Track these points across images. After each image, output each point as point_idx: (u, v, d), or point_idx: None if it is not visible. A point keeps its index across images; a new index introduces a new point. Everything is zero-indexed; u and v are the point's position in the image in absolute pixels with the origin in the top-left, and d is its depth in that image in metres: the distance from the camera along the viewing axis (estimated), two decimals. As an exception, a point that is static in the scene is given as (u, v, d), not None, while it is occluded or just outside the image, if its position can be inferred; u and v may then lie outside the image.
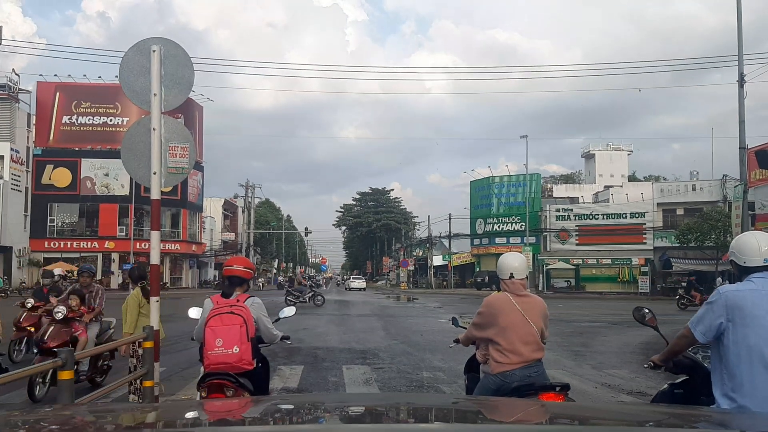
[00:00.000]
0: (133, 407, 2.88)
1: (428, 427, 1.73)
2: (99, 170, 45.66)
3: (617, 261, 43.07)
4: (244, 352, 3.94)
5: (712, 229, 34.22)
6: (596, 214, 45.06)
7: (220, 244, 62.91)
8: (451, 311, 20.30)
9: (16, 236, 42.19)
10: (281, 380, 8.09)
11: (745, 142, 20.91)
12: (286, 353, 10.34)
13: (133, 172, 5.36)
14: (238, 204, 69.05)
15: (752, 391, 2.66)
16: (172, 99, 5.26)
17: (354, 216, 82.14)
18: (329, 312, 22.57)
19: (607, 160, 77.91)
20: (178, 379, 8.16)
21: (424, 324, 17.67)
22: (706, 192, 41.61)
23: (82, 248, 45.41)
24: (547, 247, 46.00)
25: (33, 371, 3.20)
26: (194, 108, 49.51)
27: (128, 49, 5.31)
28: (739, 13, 20.31)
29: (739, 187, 22.61)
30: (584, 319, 19.77)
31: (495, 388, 3.70)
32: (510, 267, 3.89)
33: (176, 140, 5.30)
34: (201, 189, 53.18)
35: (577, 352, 11.32)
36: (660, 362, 3.35)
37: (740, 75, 20.36)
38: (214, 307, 4.09)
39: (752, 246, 2.85)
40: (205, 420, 1.82)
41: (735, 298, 2.78)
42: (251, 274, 4.33)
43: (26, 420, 1.73)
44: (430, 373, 8.75)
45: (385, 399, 2.67)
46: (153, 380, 4.84)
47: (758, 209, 30.56)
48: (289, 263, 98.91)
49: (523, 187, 46.57)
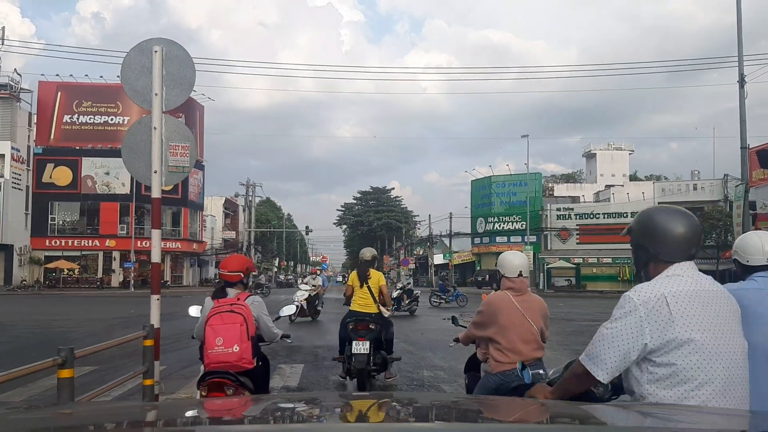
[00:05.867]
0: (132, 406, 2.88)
1: (429, 426, 1.73)
2: (100, 169, 45.71)
3: (618, 260, 43.05)
4: (245, 351, 3.93)
5: (713, 229, 34.22)
6: (597, 214, 45.08)
7: (220, 242, 62.99)
8: (451, 310, 20.31)
9: (17, 234, 42.26)
10: (282, 379, 8.09)
11: (747, 142, 20.89)
12: (287, 352, 10.34)
13: (134, 170, 5.36)
14: (239, 203, 69.12)
15: (755, 390, 2.65)
16: (173, 98, 5.27)
17: (355, 215, 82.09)
18: (330, 311, 22.58)
19: (609, 159, 77.93)
20: (178, 378, 8.17)
21: (424, 323, 17.67)
22: (708, 191, 41.61)
23: (82, 246, 45.52)
24: (547, 246, 46.02)
25: (33, 370, 3.20)
26: (195, 107, 49.54)
27: (130, 50, 5.34)
28: (739, 13, 20.30)
29: (741, 187, 22.60)
30: (585, 318, 19.76)
31: (495, 387, 3.70)
32: (517, 265, 3.88)
33: (177, 139, 5.30)
34: (202, 188, 53.21)
35: (578, 352, 11.17)
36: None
37: (740, 75, 20.34)
38: (214, 306, 4.08)
39: (756, 245, 2.85)
40: (206, 419, 1.82)
41: (738, 297, 2.77)
42: (240, 276, 4.27)
43: (26, 419, 1.73)
44: (430, 372, 8.74)
45: (385, 398, 2.67)
46: (153, 378, 4.85)
47: (759, 209, 30.55)
48: (290, 262, 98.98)
49: (524, 186, 46.58)
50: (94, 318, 18.55)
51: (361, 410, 1.94)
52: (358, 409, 1.97)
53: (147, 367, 4.78)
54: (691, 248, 2.04)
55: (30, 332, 14.49)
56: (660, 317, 1.88)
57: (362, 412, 1.90)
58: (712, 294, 1.98)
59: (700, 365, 1.85)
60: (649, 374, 1.92)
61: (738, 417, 1.87)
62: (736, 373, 1.91)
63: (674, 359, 1.87)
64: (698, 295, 1.94)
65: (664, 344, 1.88)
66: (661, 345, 1.88)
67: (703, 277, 2.04)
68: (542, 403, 2.28)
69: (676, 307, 1.88)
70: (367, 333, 6.87)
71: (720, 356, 1.87)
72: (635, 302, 1.94)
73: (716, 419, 1.80)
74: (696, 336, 1.86)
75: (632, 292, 1.99)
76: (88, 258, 46.21)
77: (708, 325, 1.89)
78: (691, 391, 1.85)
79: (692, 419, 1.77)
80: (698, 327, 1.88)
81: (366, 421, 1.74)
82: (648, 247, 2.09)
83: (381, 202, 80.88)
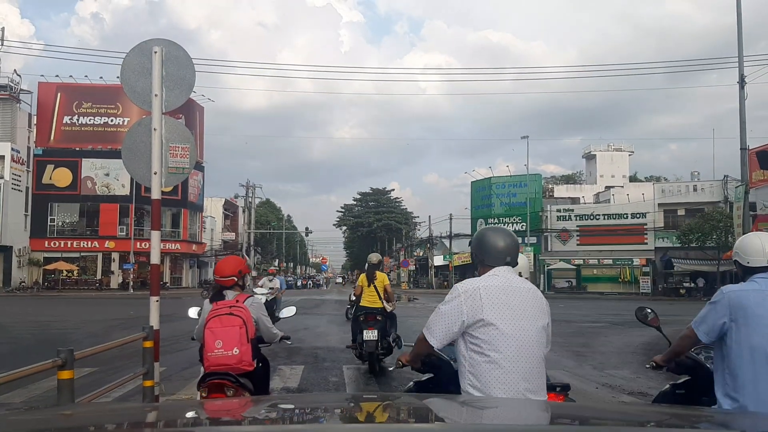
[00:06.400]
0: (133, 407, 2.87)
1: (429, 426, 1.73)
2: (99, 170, 45.71)
3: (618, 261, 43.05)
4: (244, 354, 3.92)
5: (713, 230, 34.21)
6: (597, 215, 45.06)
7: (220, 243, 62.94)
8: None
9: (16, 236, 42.24)
10: (282, 380, 8.08)
11: (746, 143, 20.89)
12: (287, 353, 10.33)
13: (133, 172, 5.35)
14: (239, 204, 69.09)
15: (754, 392, 2.65)
16: (173, 99, 5.26)
17: (355, 216, 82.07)
18: (329, 312, 22.56)
19: (609, 160, 77.86)
20: (178, 379, 8.16)
21: (424, 324, 17.63)
22: (708, 192, 41.60)
23: (82, 248, 45.49)
24: (548, 248, 46.00)
25: (33, 371, 3.20)
26: (195, 108, 49.54)
27: (130, 50, 5.32)
28: (739, 14, 20.29)
29: (741, 188, 22.59)
30: (585, 319, 19.76)
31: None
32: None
33: (177, 140, 5.30)
34: (201, 189, 53.20)
35: (578, 353, 11.31)
36: (662, 362, 3.34)
37: (741, 76, 20.33)
38: (213, 308, 4.07)
39: (756, 246, 2.85)
40: (206, 420, 1.81)
41: (738, 298, 2.77)
42: (234, 280, 4.26)
43: (26, 420, 1.73)
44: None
45: (386, 399, 2.67)
46: (153, 380, 4.84)
47: (759, 210, 30.57)
48: (289, 263, 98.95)
49: (524, 187, 46.59)
50: (93, 319, 18.54)
51: (361, 411, 1.93)
52: (358, 409, 1.97)
53: (147, 369, 4.77)
54: (507, 257, 2.69)
55: (29, 334, 14.48)
56: (474, 303, 2.52)
57: (362, 412, 1.90)
58: (519, 290, 2.60)
59: (497, 339, 2.47)
60: (467, 344, 2.55)
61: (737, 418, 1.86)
62: (525, 348, 2.49)
63: (481, 334, 2.50)
64: (505, 290, 2.56)
65: (475, 322, 2.51)
66: (473, 323, 2.51)
67: (517, 278, 2.69)
68: (543, 404, 2.29)
69: (486, 296, 2.53)
70: (375, 323, 8.35)
71: (512, 335, 2.48)
72: (459, 291, 2.59)
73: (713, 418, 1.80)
74: (496, 319, 2.49)
75: (459, 284, 2.64)
76: (88, 259, 46.18)
77: (507, 311, 2.51)
78: (492, 356, 2.47)
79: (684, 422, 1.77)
80: (499, 312, 2.50)
81: (366, 422, 1.74)
82: (478, 255, 2.75)
83: (381, 203, 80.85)
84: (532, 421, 1.84)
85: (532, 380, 2.48)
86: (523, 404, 2.28)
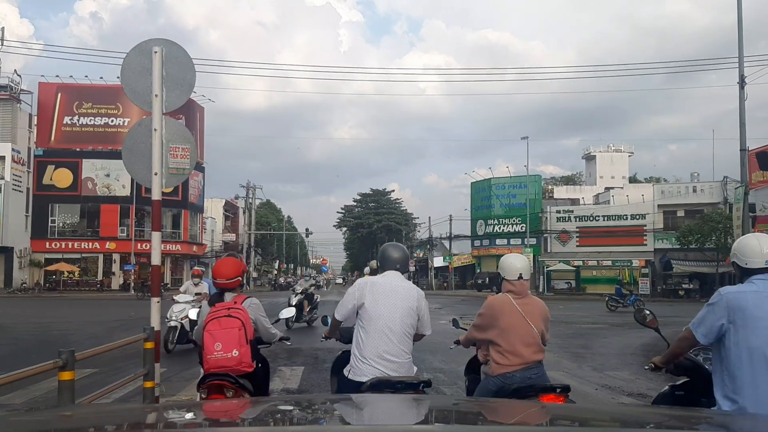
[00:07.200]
0: (133, 408, 2.88)
1: (429, 428, 1.73)
2: (100, 171, 45.66)
3: (618, 262, 43.00)
4: (244, 355, 3.92)
5: (713, 231, 34.17)
6: (597, 216, 45.01)
7: (221, 244, 62.88)
8: (451, 312, 20.28)
9: (17, 237, 42.22)
10: (282, 381, 8.09)
11: (746, 144, 20.90)
12: (287, 354, 10.33)
13: (134, 172, 5.36)
14: (239, 205, 69.07)
15: (753, 393, 2.65)
16: (173, 100, 5.26)
17: (355, 217, 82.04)
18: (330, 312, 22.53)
19: (608, 161, 77.91)
20: (178, 380, 8.16)
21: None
22: (707, 193, 41.57)
23: (83, 249, 45.44)
24: (547, 249, 45.97)
25: (34, 372, 3.20)
26: (195, 109, 49.54)
27: (130, 51, 5.31)
28: (740, 15, 20.31)
29: (740, 189, 22.60)
30: (585, 320, 19.76)
31: (495, 389, 3.70)
32: (518, 268, 3.89)
33: (177, 141, 5.30)
34: (202, 190, 53.16)
35: (578, 354, 11.30)
36: (661, 364, 3.34)
37: (741, 77, 20.35)
38: (211, 311, 4.07)
39: (754, 248, 2.85)
40: (206, 421, 1.82)
41: (736, 300, 2.77)
42: (239, 281, 4.27)
43: (27, 421, 1.73)
44: (430, 374, 8.72)
45: (385, 400, 2.67)
46: (153, 381, 4.84)
47: (759, 211, 30.57)
48: (289, 264, 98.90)
49: (523, 188, 46.57)
50: (94, 320, 18.54)
51: (361, 412, 1.94)
52: (358, 410, 1.97)
53: (147, 370, 4.78)
54: (396, 264, 3.88)
55: (30, 335, 14.48)
56: (363, 291, 3.76)
57: (362, 413, 1.91)
58: (394, 287, 3.75)
59: (370, 318, 3.67)
60: (359, 319, 3.77)
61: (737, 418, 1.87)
62: (385, 325, 3.64)
63: (363, 314, 3.72)
64: (384, 285, 3.76)
65: (361, 305, 3.73)
66: (360, 305, 3.74)
67: (399, 278, 3.84)
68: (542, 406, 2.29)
69: (369, 289, 3.75)
70: None
71: (378, 316, 3.66)
72: (360, 284, 3.88)
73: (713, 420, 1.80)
74: (370, 304, 3.69)
75: (359, 279, 3.88)
76: (88, 260, 46.14)
77: (380, 300, 3.69)
78: (368, 328, 3.66)
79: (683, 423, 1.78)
80: (374, 300, 3.70)
81: (366, 423, 1.74)
82: (380, 262, 3.97)
83: (381, 204, 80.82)
84: (532, 423, 1.84)
85: (392, 345, 3.62)
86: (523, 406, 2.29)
